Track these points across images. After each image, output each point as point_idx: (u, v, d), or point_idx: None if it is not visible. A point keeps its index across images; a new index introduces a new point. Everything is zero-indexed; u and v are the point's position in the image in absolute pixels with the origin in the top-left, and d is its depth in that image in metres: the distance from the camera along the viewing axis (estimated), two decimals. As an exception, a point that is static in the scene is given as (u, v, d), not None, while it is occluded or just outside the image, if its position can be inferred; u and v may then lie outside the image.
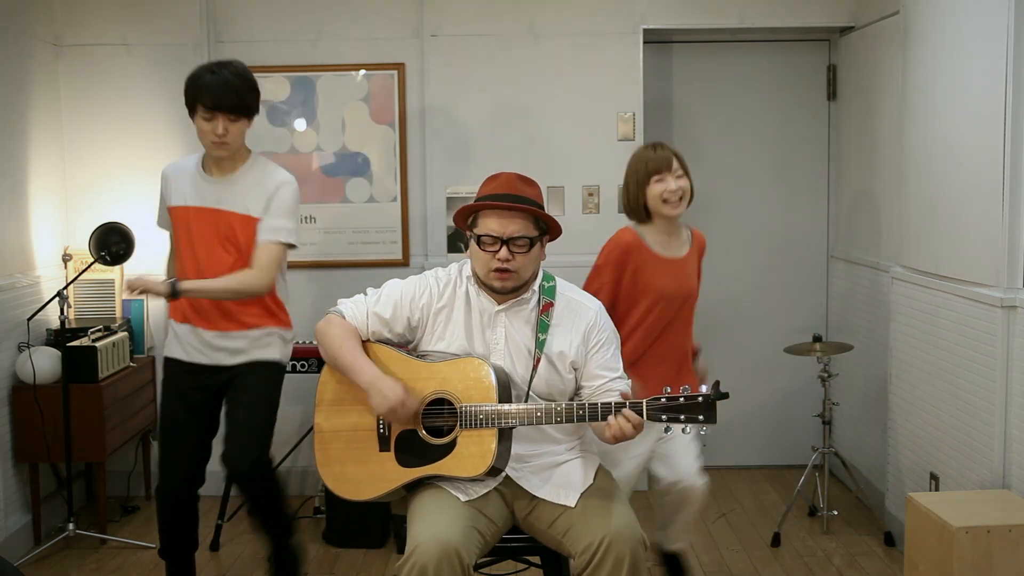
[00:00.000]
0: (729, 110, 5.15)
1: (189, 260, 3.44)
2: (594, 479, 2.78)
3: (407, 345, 2.90)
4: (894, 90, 4.22)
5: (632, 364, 3.27)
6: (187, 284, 3.33)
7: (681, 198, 3.32)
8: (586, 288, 3.23)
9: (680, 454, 3.39)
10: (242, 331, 3.43)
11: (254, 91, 3.41)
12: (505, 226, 2.71)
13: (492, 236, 2.71)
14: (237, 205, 3.40)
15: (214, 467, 4.91)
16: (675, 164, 3.33)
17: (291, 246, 3.46)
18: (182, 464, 3.52)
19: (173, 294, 3.31)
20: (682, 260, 3.39)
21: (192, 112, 3.36)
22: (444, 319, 2.82)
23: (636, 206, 3.37)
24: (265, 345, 3.47)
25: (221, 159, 3.42)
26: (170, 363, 3.53)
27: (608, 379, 2.80)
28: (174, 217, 3.50)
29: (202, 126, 3.34)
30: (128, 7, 4.83)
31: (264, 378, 3.49)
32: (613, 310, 3.26)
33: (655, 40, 5.00)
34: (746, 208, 5.21)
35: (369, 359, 2.77)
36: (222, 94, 3.29)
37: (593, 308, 2.86)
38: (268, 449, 3.49)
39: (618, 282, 3.32)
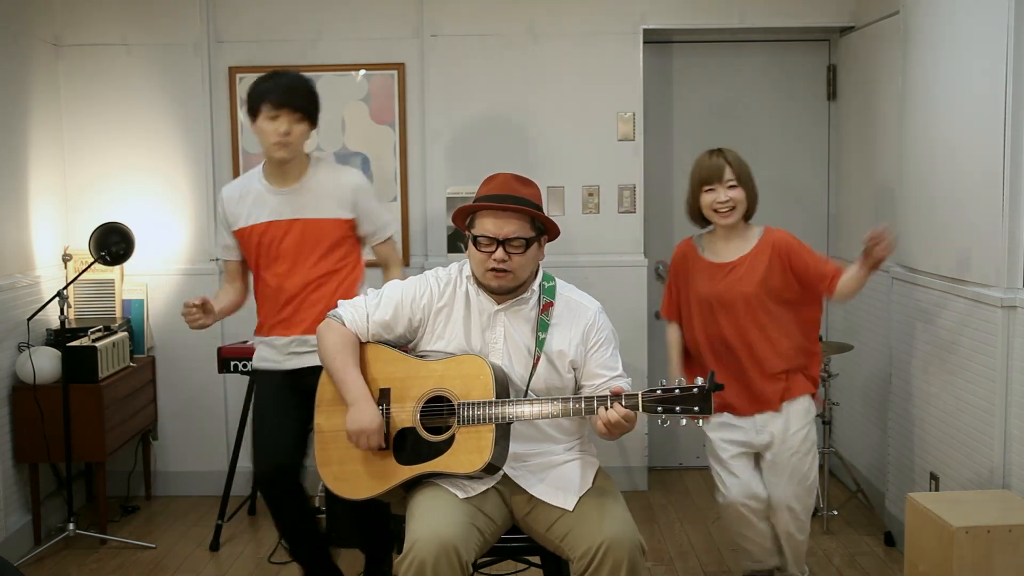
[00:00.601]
0: (729, 110, 5.15)
1: (273, 276, 3.42)
2: (593, 482, 2.78)
3: (407, 345, 2.91)
4: (894, 90, 4.22)
5: (691, 366, 3.45)
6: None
7: (733, 208, 3.33)
8: (664, 308, 3.56)
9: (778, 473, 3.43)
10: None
11: (316, 100, 3.42)
12: (501, 227, 2.72)
13: (488, 237, 2.73)
14: (318, 211, 3.39)
15: (214, 467, 4.93)
16: (727, 174, 3.34)
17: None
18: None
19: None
20: (735, 263, 3.39)
21: (254, 116, 3.34)
22: (444, 319, 2.83)
23: (693, 211, 3.47)
24: None
25: (284, 164, 3.38)
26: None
27: (608, 378, 2.81)
28: (246, 239, 3.46)
29: (265, 127, 3.32)
30: (128, 7, 4.83)
31: None
32: (680, 318, 3.52)
33: (655, 40, 5.00)
34: (746, 208, 5.20)
35: (360, 374, 2.79)
36: (288, 91, 3.32)
37: (592, 308, 2.87)
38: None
39: (674, 290, 3.53)
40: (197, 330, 3.41)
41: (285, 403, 3.39)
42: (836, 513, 4.46)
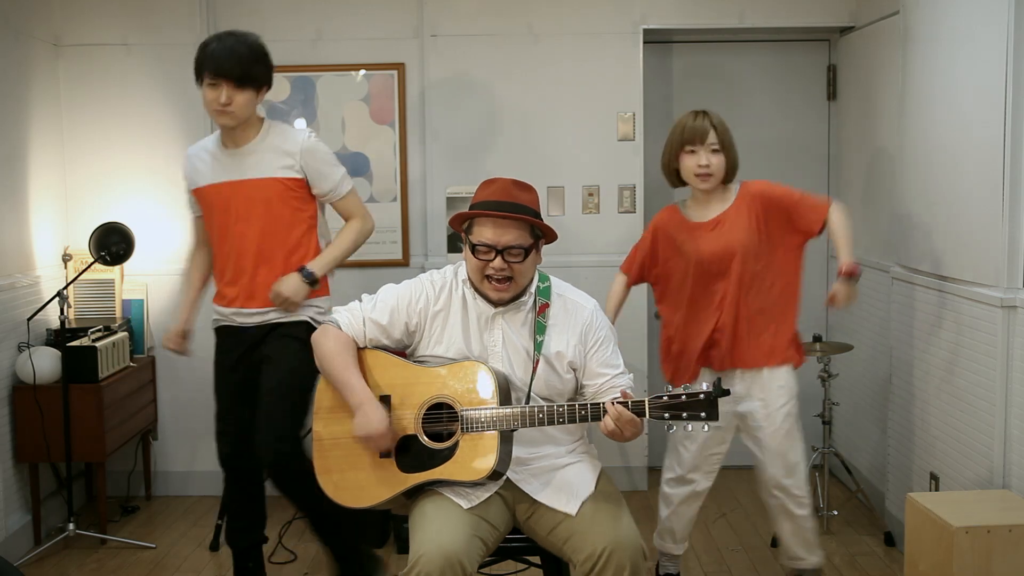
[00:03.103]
0: (729, 110, 5.10)
1: (225, 237, 3.43)
2: (595, 486, 2.78)
3: (404, 350, 2.89)
4: (894, 90, 4.22)
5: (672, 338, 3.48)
6: (316, 265, 3.39)
7: (711, 174, 3.30)
8: (625, 263, 3.49)
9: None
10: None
11: (262, 63, 3.37)
12: (500, 235, 2.70)
13: (486, 245, 2.71)
14: (263, 171, 3.39)
15: (214, 467, 4.92)
16: (711, 137, 3.28)
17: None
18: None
19: (310, 281, 3.38)
20: (717, 219, 3.35)
21: (199, 80, 3.34)
22: (441, 323, 2.81)
23: (668, 171, 3.40)
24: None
25: (230, 130, 3.39)
26: None
27: (611, 376, 2.80)
28: (201, 198, 3.49)
29: (206, 94, 3.32)
30: (128, 7, 4.83)
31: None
32: (645, 281, 3.49)
33: (655, 40, 5.01)
34: (746, 208, 5.20)
35: (362, 376, 2.77)
36: (225, 61, 3.27)
37: (589, 307, 2.86)
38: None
39: (647, 253, 3.46)
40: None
41: (240, 379, 3.49)
42: (836, 513, 4.46)
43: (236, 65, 3.28)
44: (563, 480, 2.77)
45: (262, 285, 3.43)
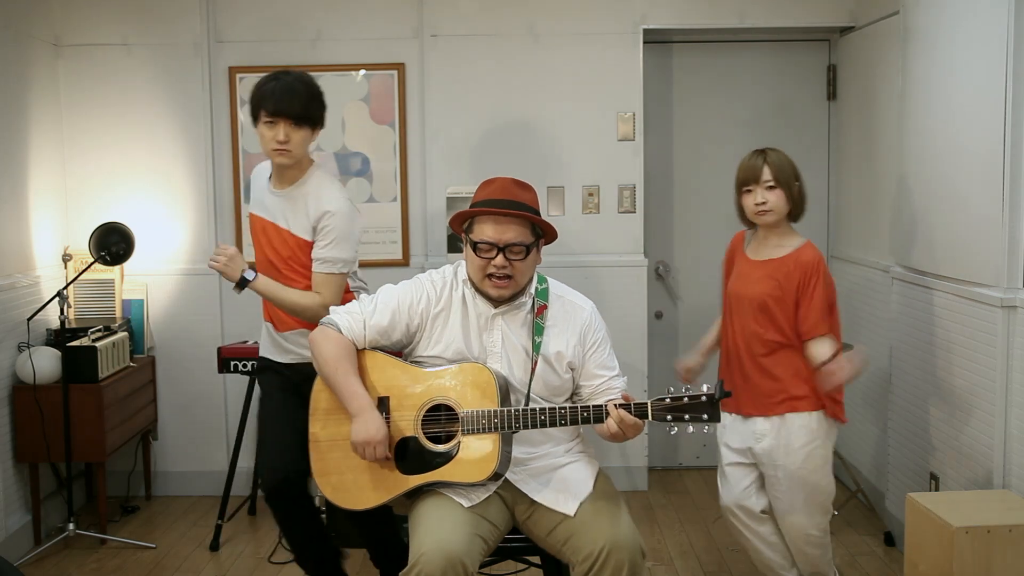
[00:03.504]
0: (729, 110, 5.15)
1: (265, 268, 3.39)
2: (594, 486, 2.78)
3: (401, 350, 2.89)
4: (894, 90, 4.22)
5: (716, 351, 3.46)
6: (259, 282, 3.29)
7: (770, 210, 3.27)
8: None
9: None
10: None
11: (318, 101, 3.35)
12: (501, 233, 2.70)
13: (488, 242, 2.70)
14: (286, 221, 3.34)
15: (214, 467, 4.93)
16: (765, 174, 3.26)
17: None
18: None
19: (240, 284, 3.29)
20: (763, 263, 3.32)
21: (255, 120, 3.32)
22: (442, 323, 2.81)
23: (740, 213, 3.41)
24: None
25: (283, 168, 3.36)
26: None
27: (607, 378, 2.81)
28: (251, 223, 3.46)
29: (264, 133, 3.29)
30: (128, 7, 4.83)
31: None
32: None
33: (655, 40, 5.00)
34: (746, 208, 5.20)
35: (361, 383, 2.75)
36: (285, 99, 3.25)
37: (587, 308, 2.87)
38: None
39: (726, 277, 3.52)
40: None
41: (287, 404, 3.32)
42: (836, 513, 4.45)
43: (295, 103, 3.26)
44: (561, 480, 2.77)
45: (284, 319, 3.39)
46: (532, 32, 4.86)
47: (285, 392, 3.37)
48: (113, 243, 4.35)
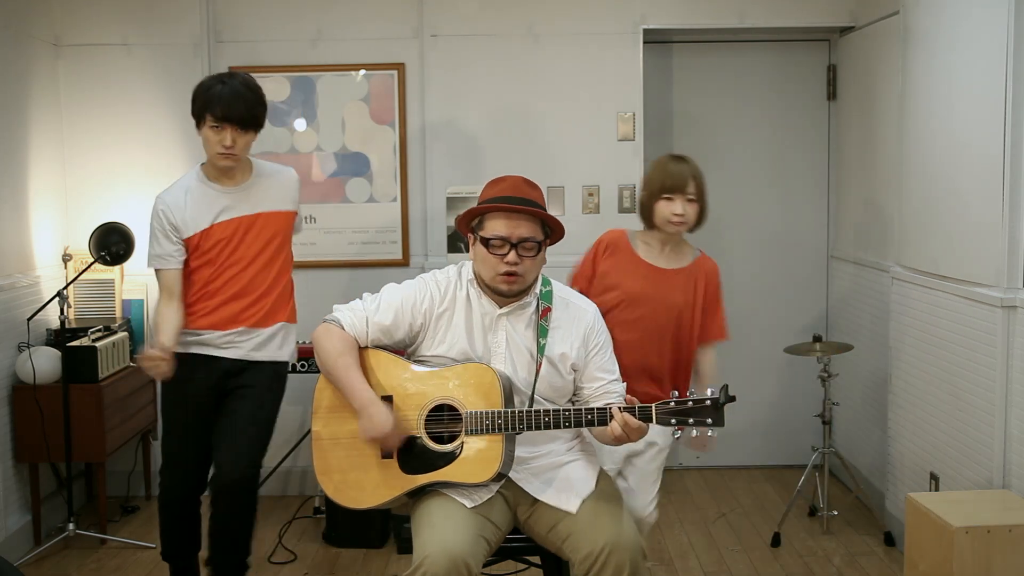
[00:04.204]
0: (729, 110, 5.15)
1: (232, 272, 3.40)
2: (596, 484, 2.78)
3: (405, 350, 2.89)
4: (894, 90, 4.22)
5: None
6: None
7: (685, 223, 3.25)
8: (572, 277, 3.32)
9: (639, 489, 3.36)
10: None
11: (262, 104, 3.40)
12: (514, 228, 2.70)
13: (501, 238, 2.70)
14: (274, 204, 3.45)
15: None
16: (690, 187, 3.23)
17: None
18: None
19: None
20: (668, 272, 3.27)
21: (199, 122, 3.33)
22: (445, 323, 2.80)
23: (644, 213, 3.34)
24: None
25: (228, 169, 3.40)
26: None
27: (607, 381, 2.82)
28: (202, 241, 3.39)
29: (209, 136, 3.30)
30: (128, 7, 4.83)
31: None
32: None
33: (655, 40, 5.00)
34: (746, 208, 5.21)
35: (364, 378, 2.75)
36: (232, 105, 3.27)
37: (591, 311, 2.88)
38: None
39: (592, 272, 3.30)
40: (158, 377, 3.34)
41: (199, 411, 3.45)
42: (836, 513, 4.46)
43: (242, 108, 3.29)
44: (564, 478, 2.77)
45: (258, 312, 3.45)
46: (532, 32, 4.86)
47: (199, 393, 3.44)
48: (113, 243, 4.35)
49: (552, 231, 2.80)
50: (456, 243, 4.53)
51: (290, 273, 3.58)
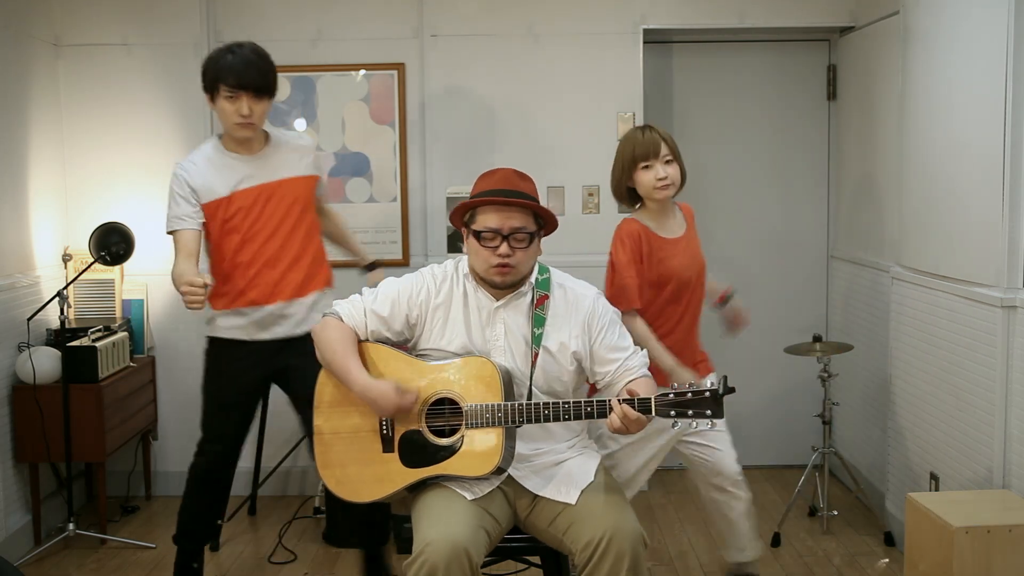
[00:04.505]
0: (729, 110, 5.15)
1: (259, 240, 3.42)
2: (595, 476, 2.78)
3: (406, 344, 2.90)
4: (894, 90, 4.22)
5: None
6: (367, 256, 3.95)
7: (671, 184, 3.30)
8: (609, 287, 3.36)
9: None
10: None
11: (274, 71, 3.41)
12: (505, 220, 2.71)
13: (492, 230, 2.71)
14: (294, 170, 3.48)
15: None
16: (664, 149, 3.28)
17: None
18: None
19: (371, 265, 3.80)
20: (684, 238, 3.38)
21: (213, 94, 3.32)
22: (443, 316, 2.82)
23: (620, 189, 3.37)
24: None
25: (245, 139, 3.40)
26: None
27: (623, 359, 2.80)
28: (222, 209, 3.41)
29: (225, 107, 3.31)
30: (128, 7, 4.83)
31: None
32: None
33: (655, 40, 5.01)
34: (746, 208, 5.21)
35: (362, 365, 2.76)
36: (245, 72, 3.28)
37: (590, 295, 2.86)
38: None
39: (641, 274, 3.34)
40: (193, 309, 3.26)
41: (248, 393, 3.53)
42: (836, 513, 4.46)
43: (255, 74, 3.30)
44: (564, 472, 2.78)
45: (293, 282, 3.48)
46: (532, 32, 4.86)
47: (248, 374, 3.52)
48: (113, 243, 4.35)
49: (545, 222, 2.80)
50: (456, 243, 4.53)
51: (318, 238, 3.60)
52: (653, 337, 3.32)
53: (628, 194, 3.40)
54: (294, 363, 3.47)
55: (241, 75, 3.27)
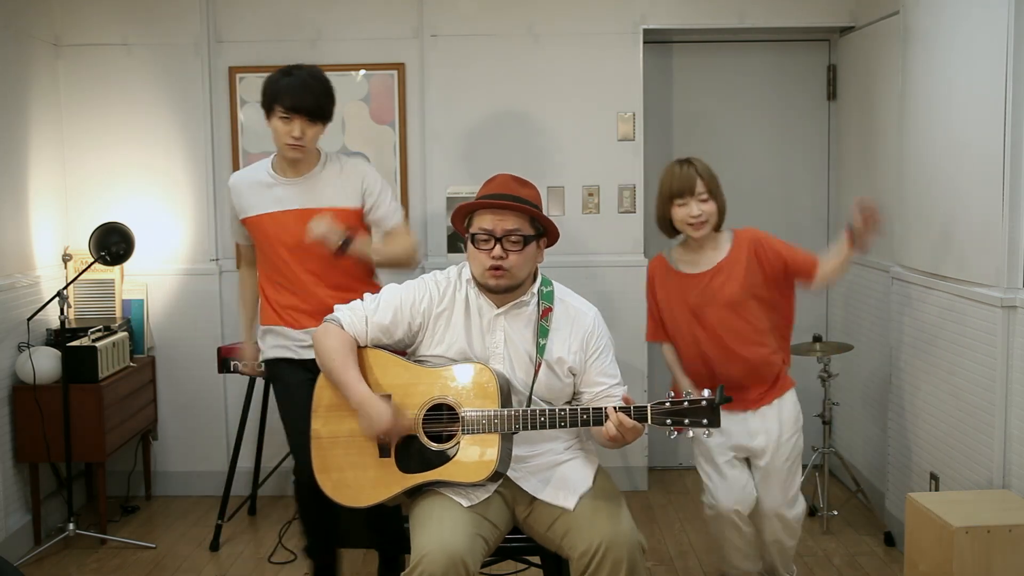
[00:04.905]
0: (729, 110, 5.15)
1: (284, 265, 3.42)
2: (593, 481, 2.78)
3: (406, 350, 2.90)
4: (894, 90, 4.22)
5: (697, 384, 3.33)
6: (357, 242, 3.36)
7: (705, 222, 3.29)
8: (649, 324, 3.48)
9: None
10: None
11: (331, 96, 3.42)
12: (498, 222, 2.72)
13: (485, 232, 2.71)
14: (324, 200, 3.42)
15: (214, 467, 4.92)
16: (699, 186, 3.27)
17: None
18: None
19: (344, 245, 3.32)
20: (712, 271, 3.34)
21: (269, 113, 3.35)
22: (444, 323, 2.82)
23: (662, 222, 3.40)
24: None
25: (294, 161, 3.41)
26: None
27: (608, 385, 2.82)
28: (253, 228, 3.48)
29: (278, 127, 3.33)
30: (128, 7, 4.83)
31: None
32: (666, 335, 3.47)
33: (655, 40, 5.00)
34: (746, 208, 5.19)
35: (362, 376, 2.76)
36: (301, 96, 3.30)
37: (590, 314, 2.87)
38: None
39: (655, 310, 3.46)
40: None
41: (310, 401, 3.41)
42: (836, 513, 4.46)
43: (311, 99, 3.32)
44: (561, 476, 2.78)
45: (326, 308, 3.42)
46: (532, 32, 4.86)
47: (304, 384, 3.37)
48: (113, 243, 4.35)
49: (545, 229, 2.80)
50: (456, 243, 4.54)
51: (362, 269, 3.49)
52: (676, 364, 3.48)
53: (669, 226, 3.39)
54: None
55: (296, 97, 3.29)
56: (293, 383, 3.44)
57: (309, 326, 3.38)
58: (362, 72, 4.88)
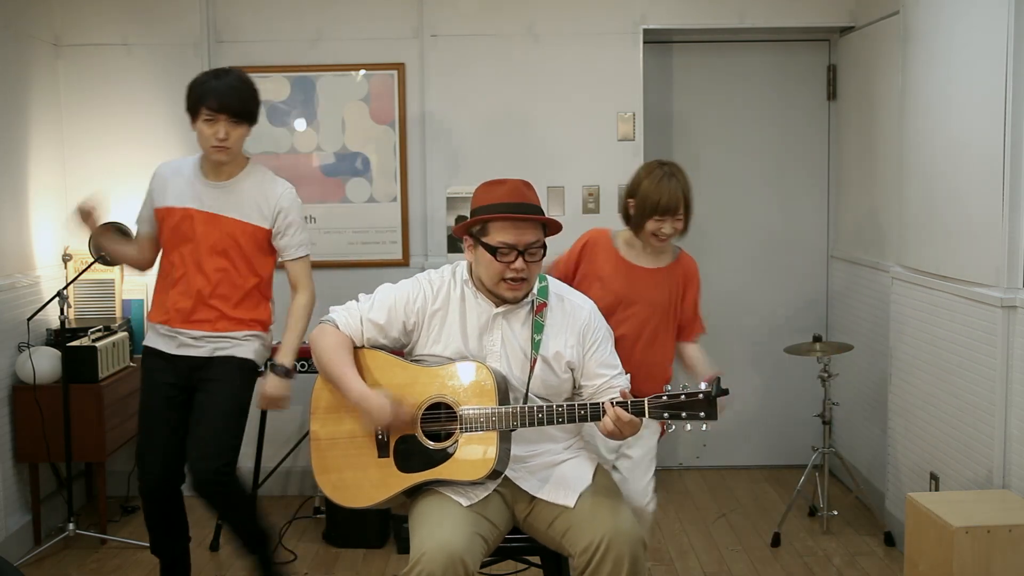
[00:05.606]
0: (729, 110, 5.15)
1: (180, 263, 3.42)
2: (593, 479, 2.78)
3: (402, 349, 2.89)
4: (894, 90, 4.22)
5: None
6: (285, 358, 3.41)
7: (670, 238, 3.26)
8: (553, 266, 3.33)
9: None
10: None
11: (256, 100, 3.43)
12: (520, 235, 2.70)
13: (508, 246, 2.70)
14: (236, 212, 3.41)
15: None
16: (680, 210, 3.21)
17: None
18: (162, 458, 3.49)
19: (287, 376, 3.42)
20: (650, 271, 3.30)
21: (194, 116, 3.36)
22: (439, 322, 2.81)
23: (633, 224, 3.31)
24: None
25: (220, 164, 3.42)
26: None
27: (609, 376, 2.81)
28: (163, 219, 3.46)
29: (203, 130, 3.34)
30: (128, 7, 4.83)
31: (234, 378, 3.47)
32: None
33: (655, 40, 5.01)
34: (746, 208, 5.21)
35: (358, 373, 2.76)
36: (227, 96, 3.31)
37: (586, 308, 2.87)
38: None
39: (574, 268, 3.34)
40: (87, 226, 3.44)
41: (171, 401, 3.44)
42: (836, 513, 4.46)
43: (236, 100, 3.33)
44: (561, 475, 2.78)
45: (208, 317, 3.42)
46: (532, 32, 4.86)
47: (167, 384, 3.45)
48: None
49: (550, 229, 2.81)
50: (456, 243, 4.53)
51: (256, 289, 3.48)
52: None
53: (635, 225, 3.33)
54: (210, 376, 3.44)
55: (222, 98, 3.31)
56: (158, 383, 3.45)
57: (186, 328, 3.40)
58: (362, 72, 4.88)
